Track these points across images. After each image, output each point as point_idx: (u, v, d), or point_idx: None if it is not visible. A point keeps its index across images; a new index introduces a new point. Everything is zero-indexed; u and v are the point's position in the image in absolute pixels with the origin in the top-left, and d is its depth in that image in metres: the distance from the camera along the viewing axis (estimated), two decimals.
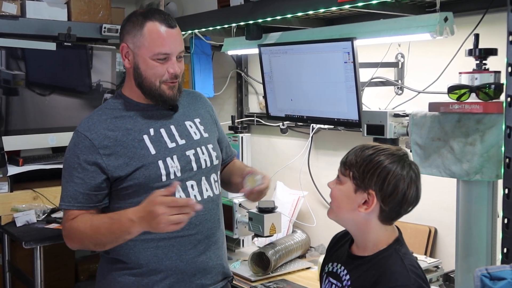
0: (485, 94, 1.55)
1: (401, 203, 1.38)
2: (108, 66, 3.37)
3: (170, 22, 1.74)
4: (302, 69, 2.39)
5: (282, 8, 2.17)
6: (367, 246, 1.44)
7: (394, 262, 1.38)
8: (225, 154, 2.03)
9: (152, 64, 1.73)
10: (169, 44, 1.72)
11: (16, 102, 3.02)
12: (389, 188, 1.36)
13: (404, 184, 1.37)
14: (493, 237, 1.60)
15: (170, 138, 1.78)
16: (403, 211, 1.40)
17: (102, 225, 1.65)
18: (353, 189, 1.40)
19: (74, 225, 1.69)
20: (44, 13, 3.06)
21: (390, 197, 1.36)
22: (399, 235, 1.46)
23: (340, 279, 1.45)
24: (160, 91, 1.75)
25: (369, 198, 1.38)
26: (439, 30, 1.89)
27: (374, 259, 1.41)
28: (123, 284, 1.76)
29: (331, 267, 1.52)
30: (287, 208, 2.81)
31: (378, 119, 1.96)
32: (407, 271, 1.35)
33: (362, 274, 1.40)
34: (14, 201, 2.92)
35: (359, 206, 1.39)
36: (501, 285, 1.07)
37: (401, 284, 1.32)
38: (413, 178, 1.39)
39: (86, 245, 1.74)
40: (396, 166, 1.37)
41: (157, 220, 1.51)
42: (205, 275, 1.81)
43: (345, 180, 1.42)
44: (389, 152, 1.40)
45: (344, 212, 1.44)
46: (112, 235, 1.64)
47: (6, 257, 3.01)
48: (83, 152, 1.70)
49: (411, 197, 1.38)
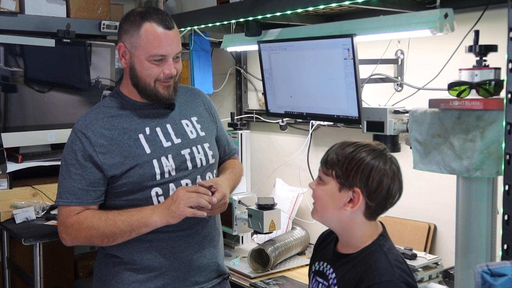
0: (485, 90, 1.55)
1: (386, 198, 1.39)
2: (107, 62, 3.37)
3: (168, 23, 1.73)
4: (301, 66, 2.39)
5: (282, 4, 2.17)
6: (352, 244, 1.44)
7: (378, 258, 1.38)
8: (223, 152, 2.02)
9: (148, 65, 1.72)
10: (166, 46, 1.72)
11: (15, 98, 3.02)
12: (374, 184, 1.37)
13: (388, 178, 1.38)
14: (493, 234, 1.60)
15: (166, 137, 1.79)
16: (388, 205, 1.41)
17: (118, 217, 1.67)
18: (337, 188, 1.40)
19: (82, 219, 1.69)
20: (43, 9, 3.06)
21: (375, 193, 1.37)
22: (383, 230, 1.46)
23: (327, 277, 1.46)
24: (155, 90, 1.75)
25: (354, 196, 1.38)
26: (439, 27, 1.88)
27: (359, 256, 1.41)
28: (118, 278, 1.77)
29: (318, 266, 1.52)
30: (286, 205, 2.81)
31: (378, 116, 1.96)
32: (392, 266, 1.35)
33: (348, 272, 1.40)
34: (13, 198, 2.92)
35: (345, 205, 1.39)
36: (501, 281, 1.07)
37: (385, 279, 1.32)
38: (395, 171, 1.40)
39: (92, 239, 1.71)
40: (378, 161, 1.38)
41: (177, 202, 1.62)
42: (199, 273, 1.82)
43: (328, 179, 1.42)
44: (370, 148, 1.40)
45: (329, 212, 1.43)
46: (129, 227, 1.66)
47: (5, 254, 3.01)
48: (81, 149, 1.71)
49: (395, 190, 1.40)
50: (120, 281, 1.76)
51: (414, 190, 2.33)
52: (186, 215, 1.65)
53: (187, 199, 1.64)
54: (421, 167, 1.72)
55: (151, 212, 1.67)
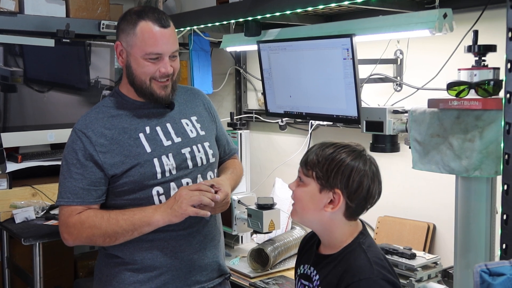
0: (484, 90, 1.55)
1: (366, 198, 1.40)
2: (106, 62, 3.37)
3: (164, 22, 1.72)
4: (301, 66, 2.39)
5: (281, 4, 2.17)
6: (333, 244, 1.44)
7: (358, 256, 1.39)
8: (223, 152, 2.02)
9: (143, 63, 1.72)
10: (161, 45, 1.72)
11: (14, 98, 3.02)
12: (354, 185, 1.37)
13: (368, 179, 1.39)
14: (492, 233, 1.61)
15: (166, 136, 1.79)
16: (368, 205, 1.42)
17: (121, 216, 1.68)
18: (318, 189, 1.40)
19: (84, 218, 1.69)
20: (42, 9, 3.06)
21: (355, 194, 1.38)
22: (363, 228, 1.47)
23: (311, 279, 1.46)
24: (151, 89, 1.75)
25: (334, 197, 1.38)
26: (438, 27, 1.89)
27: (339, 256, 1.42)
28: (119, 278, 1.77)
29: (302, 269, 1.52)
30: (286, 204, 2.80)
31: (377, 116, 1.96)
32: (370, 263, 1.36)
33: (330, 272, 1.41)
34: (13, 197, 2.92)
35: (325, 206, 1.40)
36: (500, 280, 1.08)
37: (364, 277, 1.33)
38: (374, 172, 1.41)
39: (94, 239, 1.71)
40: (358, 162, 1.39)
41: (179, 201, 1.63)
42: (200, 272, 1.82)
43: (308, 180, 1.42)
44: (349, 149, 1.41)
45: (309, 213, 1.44)
46: (131, 226, 1.66)
47: (5, 253, 3.02)
48: (81, 149, 1.71)
49: (375, 191, 1.41)
50: (121, 282, 1.76)
51: (413, 190, 2.34)
52: (189, 214, 1.65)
53: (189, 198, 1.64)
54: (420, 167, 1.73)
55: (154, 211, 1.67)
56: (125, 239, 1.70)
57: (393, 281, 1.36)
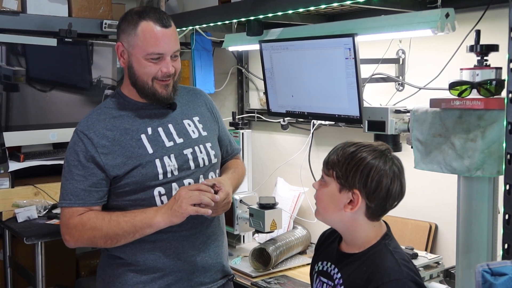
0: (486, 90, 1.55)
1: (386, 199, 1.37)
2: (108, 62, 3.37)
3: (165, 22, 1.72)
4: (303, 65, 2.39)
5: (283, 4, 2.17)
6: (356, 243, 1.43)
7: (385, 257, 1.37)
8: (225, 152, 2.02)
9: (145, 64, 1.72)
10: (163, 44, 1.72)
11: (16, 98, 3.02)
12: (373, 184, 1.35)
13: (388, 179, 1.36)
14: (493, 233, 1.60)
15: (168, 137, 1.79)
16: (388, 206, 1.40)
17: (122, 218, 1.67)
18: (338, 188, 1.39)
19: (85, 220, 1.69)
20: (45, 9, 3.06)
21: (374, 194, 1.36)
22: (388, 230, 1.45)
23: (332, 277, 1.45)
24: (153, 89, 1.75)
25: (354, 197, 1.37)
26: (441, 26, 1.88)
27: (364, 256, 1.40)
28: (122, 280, 1.77)
29: (321, 266, 1.51)
30: (287, 204, 2.81)
31: (379, 115, 1.96)
32: (399, 265, 1.34)
33: (353, 272, 1.40)
34: (15, 197, 2.93)
35: (345, 206, 1.38)
36: (502, 280, 1.07)
37: (394, 278, 1.32)
38: (396, 172, 1.38)
39: (95, 241, 1.70)
40: (378, 161, 1.36)
41: (179, 201, 1.63)
42: (204, 273, 1.82)
43: (329, 180, 1.41)
44: (371, 148, 1.39)
45: (330, 213, 1.43)
46: (132, 228, 1.66)
47: (7, 252, 3.02)
48: (83, 150, 1.71)
49: (395, 192, 1.38)
50: (124, 282, 1.76)
51: (415, 190, 2.34)
52: (189, 213, 1.64)
53: (189, 197, 1.64)
54: (422, 167, 1.73)
55: (155, 213, 1.67)
56: (127, 241, 1.70)
57: (421, 284, 1.35)
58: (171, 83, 1.77)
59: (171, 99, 1.81)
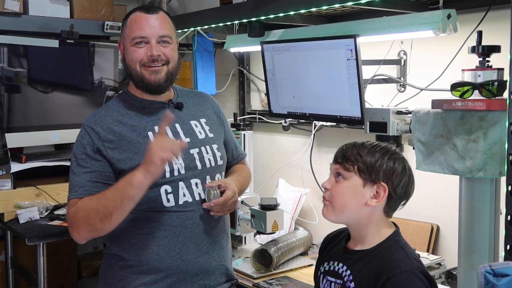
0: (488, 91, 1.55)
1: (405, 194, 1.44)
2: (110, 63, 3.37)
3: (150, 9, 1.78)
4: (304, 66, 2.39)
5: (285, 5, 2.17)
6: (366, 240, 1.45)
7: (395, 251, 1.40)
8: (231, 156, 2.02)
9: (132, 50, 1.77)
10: (145, 28, 1.75)
11: (18, 99, 3.03)
12: (397, 179, 1.41)
13: (406, 176, 1.44)
14: (495, 234, 1.60)
15: (175, 136, 1.79)
16: (404, 202, 1.47)
17: (108, 190, 1.65)
18: (361, 183, 1.41)
19: (80, 205, 1.67)
20: (47, 10, 3.07)
21: (397, 188, 1.41)
22: (397, 228, 1.49)
23: (340, 275, 1.45)
24: (141, 75, 1.77)
25: (378, 190, 1.40)
26: (442, 27, 1.89)
27: (374, 251, 1.42)
28: (124, 282, 1.76)
29: (327, 266, 1.51)
30: (289, 205, 2.81)
31: (380, 116, 1.96)
32: (409, 258, 1.37)
33: (364, 267, 1.41)
34: (17, 198, 2.93)
35: (369, 200, 1.41)
36: (504, 281, 1.07)
37: (405, 270, 1.33)
38: (410, 170, 1.46)
39: (93, 223, 1.66)
40: (397, 158, 1.44)
41: (151, 151, 1.58)
42: (207, 276, 1.81)
43: (350, 175, 1.42)
44: (385, 146, 1.46)
45: (349, 209, 1.43)
46: (117, 194, 1.62)
47: (9, 253, 3.02)
48: (90, 143, 1.73)
49: (411, 188, 1.46)
50: (126, 284, 1.75)
51: (417, 191, 2.31)
52: (161, 156, 1.58)
53: (160, 144, 1.59)
54: (424, 168, 1.73)
55: (133, 172, 1.62)
56: (119, 212, 1.63)
57: (431, 277, 1.37)
58: (163, 70, 1.78)
59: (162, 87, 1.80)
